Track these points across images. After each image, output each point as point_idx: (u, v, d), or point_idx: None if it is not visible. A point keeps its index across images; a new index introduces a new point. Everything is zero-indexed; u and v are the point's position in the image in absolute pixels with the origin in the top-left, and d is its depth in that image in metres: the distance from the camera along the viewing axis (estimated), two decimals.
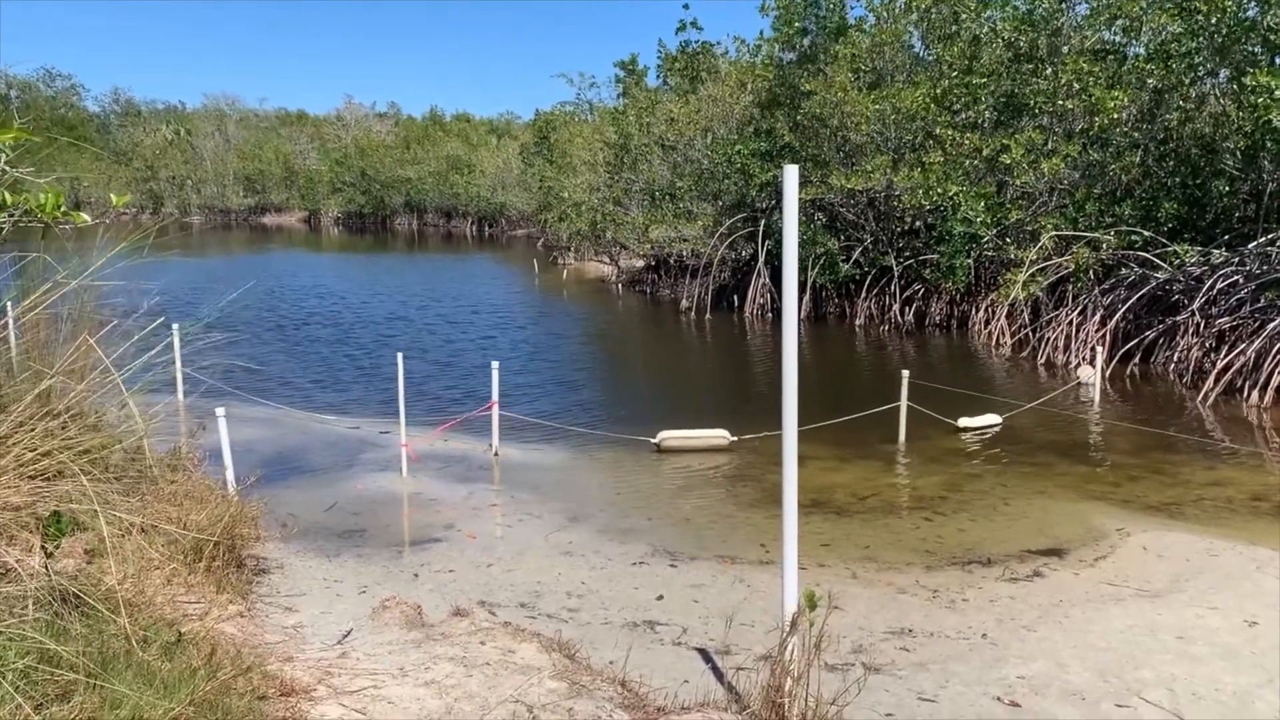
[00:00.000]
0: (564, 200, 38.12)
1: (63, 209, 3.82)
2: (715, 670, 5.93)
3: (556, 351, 21.10)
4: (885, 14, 24.96)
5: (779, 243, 15.37)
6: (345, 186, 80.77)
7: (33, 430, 4.45)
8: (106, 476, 5.11)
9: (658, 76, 36.61)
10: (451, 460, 11.87)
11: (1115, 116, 19.94)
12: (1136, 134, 20.90)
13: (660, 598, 7.56)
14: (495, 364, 12.48)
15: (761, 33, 28.20)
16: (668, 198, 30.58)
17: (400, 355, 11.96)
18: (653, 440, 12.53)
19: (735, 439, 12.55)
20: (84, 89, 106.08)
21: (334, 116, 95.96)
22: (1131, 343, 18.17)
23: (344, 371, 18.10)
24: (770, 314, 25.83)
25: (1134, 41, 21.24)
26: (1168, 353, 17.67)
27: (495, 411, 12.22)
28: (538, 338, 22.89)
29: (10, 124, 3.63)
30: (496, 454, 12.09)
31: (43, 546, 3.92)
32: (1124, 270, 19.43)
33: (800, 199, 5.51)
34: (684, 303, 28.25)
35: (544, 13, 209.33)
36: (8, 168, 3.72)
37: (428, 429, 12.59)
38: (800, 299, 23.58)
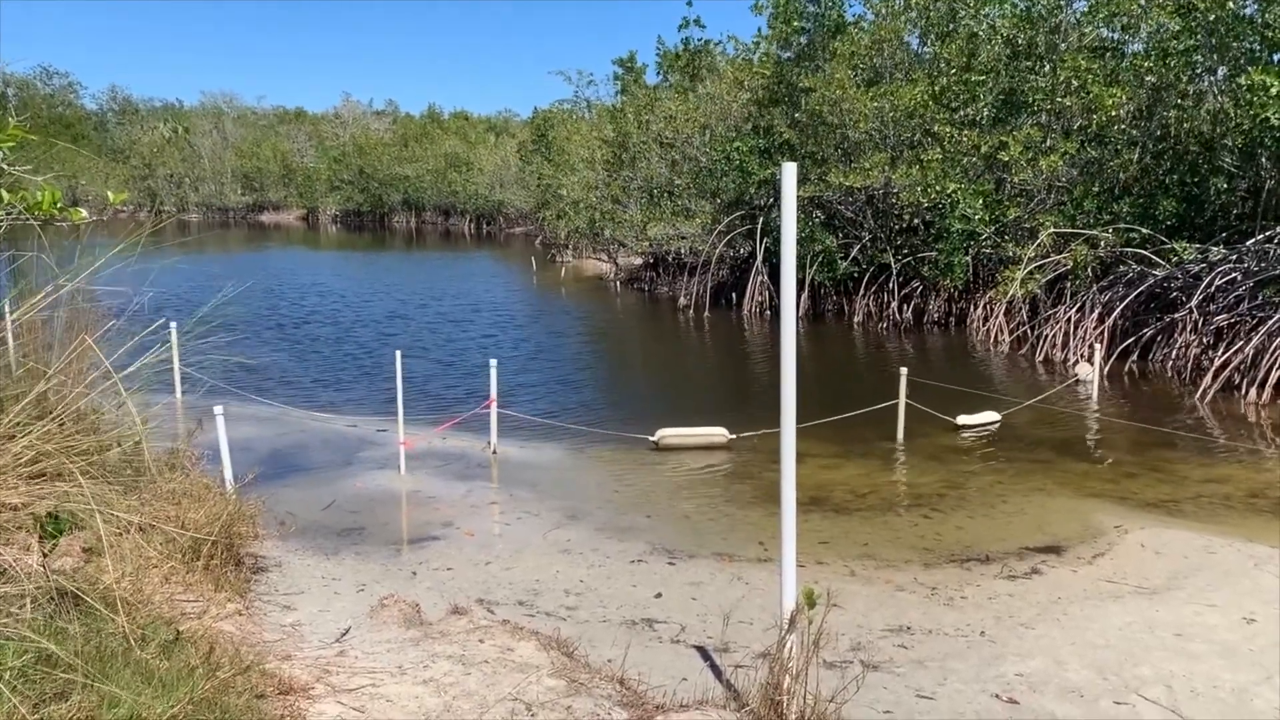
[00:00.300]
0: (562, 198, 38.12)
1: (60, 206, 3.81)
2: (714, 668, 5.93)
3: (555, 350, 21.10)
4: (884, 10, 24.96)
5: (777, 240, 15.37)
6: (343, 184, 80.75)
7: (30, 431, 4.45)
8: (104, 476, 5.10)
9: (657, 73, 36.66)
10: (450, 458, 11.87)
11: (1113, 114, 19.96)
12: (1135, 131, 20.91)
13: (659, 595, 7.56)
14: (494, 362, 12.47)
15: (760, 30, 28.15)
16: (666, 195, 30.58)
17: (399, 353, 11.95)
18: (651, 438, 12.53)
19: (734, 437, 12.55)
20: (81, 87, 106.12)
21: (332, 114, 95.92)
22: (1129, 340, 18.18)
23: (345, 370, 18.09)
24: (769, 312, 25.81)
25: (1132, 39, 21.25)
26: (1166, 350, 17.68)
27: (494, 410, 12.22)
28: (537, 336, 22.88)
29: (7, 122, 3.62)
30: (495, 452, 12.09)
31: (40, 546, 3.92)
32: (1122, 268, 19.45)
33: (798, 196, 5.51)
34: (682, 300, 28.25)
35: (542, 11, 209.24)
36: (4, 165, 3.71)
37: (427, 427, 12.59)
38: (798, 297, 23.61)
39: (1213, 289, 17.01)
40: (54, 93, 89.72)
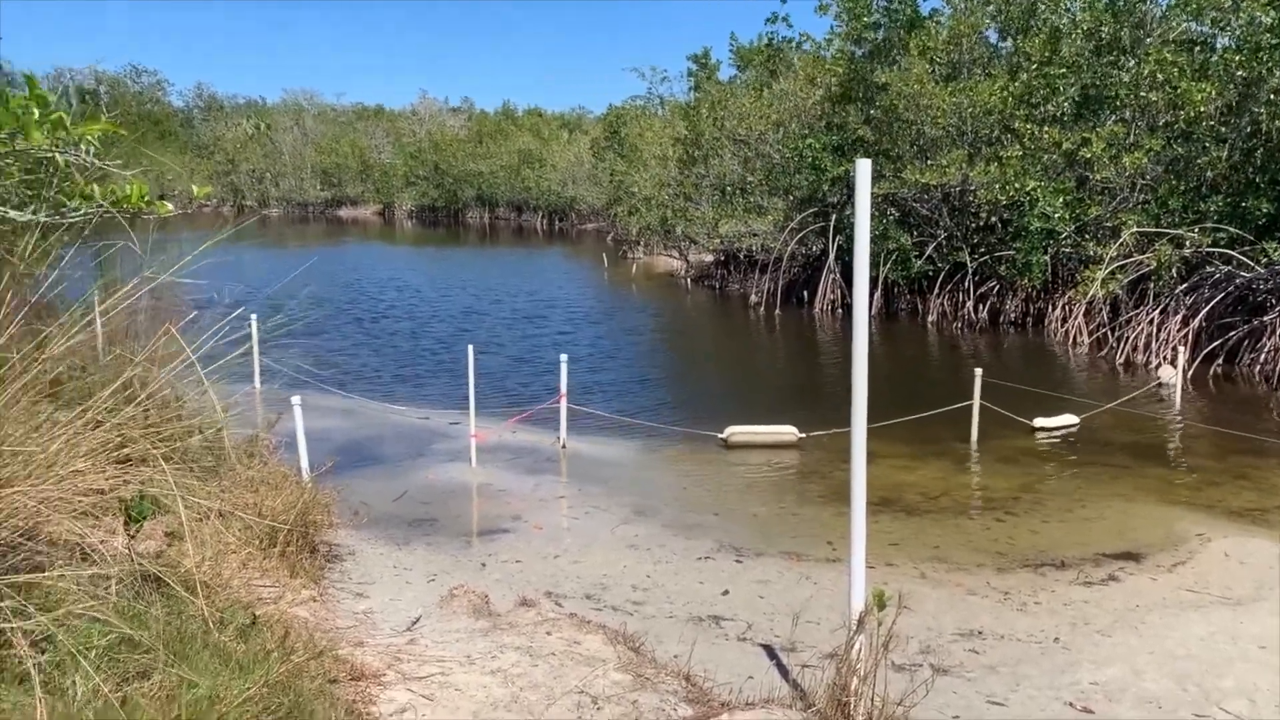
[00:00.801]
0: (634, 195, 38.17)
1: (147, 200, 3.91)
2: (780, 667, 5.90)
3: (628, 347, 21.16)
4: (962, 5, 24.52)
5: (850, 238, 15.24)
6: (419, 180, 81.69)
7: (117, 416, 4.58)
8: (186, 462, 5.24)
9: (734, 65, 36.50)
10: (521, 452, 11.97)
11: (1201, 109, 19.34)
12: (1223, 128, 20.24)
13: (725, 593, 7.54)
14: (564, 357, 12.54)
15: (832, 27, 27.92)
16: (738, 192, 30.46)
17: (471, 347, 12.09)
18: (720, 436, 12.50)
19: (804, 435, 12.47)
20: (169, 84, 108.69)
21: (409, 111, 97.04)
22: (1215, 343, 17.63)
23: (422, 364, 18.35)
24: (841, 310, 25.57)
25: (1221, 33, 20.58)
26: (1253, 354, 17.12)
27: (564, 404, 12.29)
28: (610, 333, 22.95)
29: (99, 118, 3.73)
30: (564, 447, 12.16)
31: (125, 529, 4.04)
32: (1208, 268, 18.85)
33: (873, 194, 5.44)
34: (753, 298, 28.12)
35: (615, 8, 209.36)
36: (96, 160, 3.82)
37: (497, 421, 12.72)
38: (871, 295, 23.31)
39: None
40: (143, 90, 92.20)
